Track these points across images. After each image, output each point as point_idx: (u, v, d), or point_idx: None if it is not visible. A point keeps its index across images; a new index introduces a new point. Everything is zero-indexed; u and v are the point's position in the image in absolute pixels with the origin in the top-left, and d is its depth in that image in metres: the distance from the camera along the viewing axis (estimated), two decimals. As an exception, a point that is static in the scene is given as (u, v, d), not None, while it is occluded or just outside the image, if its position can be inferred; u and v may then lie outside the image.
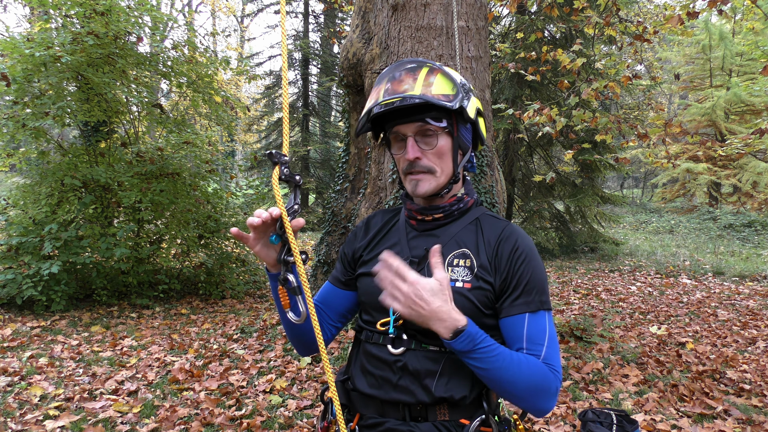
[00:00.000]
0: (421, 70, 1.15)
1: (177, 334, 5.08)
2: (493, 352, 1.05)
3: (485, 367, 1.05)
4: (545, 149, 11.98)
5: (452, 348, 1.05)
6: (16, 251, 5.58)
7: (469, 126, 1.22)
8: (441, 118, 1.16)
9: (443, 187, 1.20)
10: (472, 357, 1.05)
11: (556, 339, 1.15)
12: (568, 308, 6.58)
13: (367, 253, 1.32)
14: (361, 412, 1.23)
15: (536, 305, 1.14)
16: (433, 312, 1.03)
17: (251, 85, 25.64)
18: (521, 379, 1.05)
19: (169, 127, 7.03)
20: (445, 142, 1.18)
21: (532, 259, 1.17)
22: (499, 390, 1.08)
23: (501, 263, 1.16)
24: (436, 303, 1.03)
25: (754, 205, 17.12)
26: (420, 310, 1.03)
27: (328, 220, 5.78)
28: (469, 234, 1.21)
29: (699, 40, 17.76)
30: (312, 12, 18.50)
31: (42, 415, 3.21)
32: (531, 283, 1.15)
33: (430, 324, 1.04)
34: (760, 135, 5.40)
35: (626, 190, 30.71)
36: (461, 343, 1.04)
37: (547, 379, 1.08)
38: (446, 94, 1.11)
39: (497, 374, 1.05)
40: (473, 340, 1.04)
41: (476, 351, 1.04)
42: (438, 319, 1.04)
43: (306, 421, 3.27)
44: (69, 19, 6.08)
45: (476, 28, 4.46)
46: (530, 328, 1.13)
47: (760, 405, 3.56)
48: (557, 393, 1.10)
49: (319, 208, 17.55)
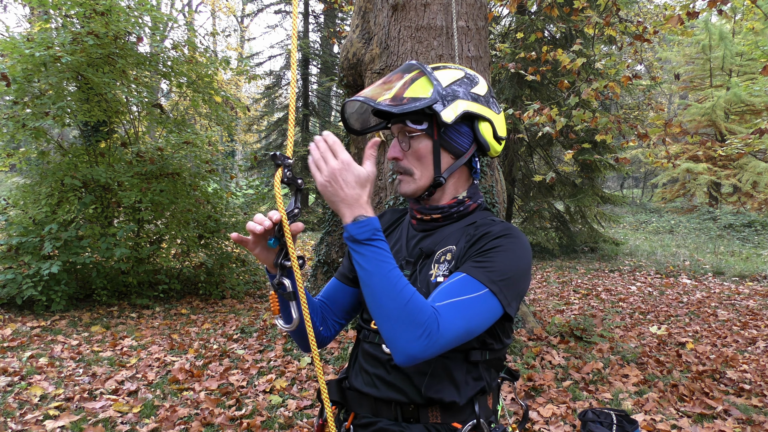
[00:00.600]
0: (410, 74, 1.16)
1: (177, 334, 5.08)
2: (383, 257, 0.99)
3: (369, 268, 0.99)
4: (545, 149, 11.98)
5: (348, 233, 1.00)
6: (16, 251, 5.58)
7: (465, 129, 1.19)
8: (421, 120, 1.16)
9: (423, 189, 1.20)
10: (364, 249, 0.99)
11: (468, 313, 1.01)
12: (568, 308, 6.58)
13: None
14: (355, 410, 1.24)
15: (481, 275, 1.05)
16: (348, 197, 1.01)
17: (251, 85, 25.65)
18: (395, 297, 0.97)
19: (169, 127, 7.03)
20: (424, 145, 1.17)
21: (512, 252, 1.10)
22: (371, 303, 1.00)
23: (476, 243, 1.12)
24: (355, 191, 1.01)
25: (754, 205, 17.12)
26: (338, 190, 1.00)
27: (328, 220, 5.78)
28: (461, 233, 1.20)
29: (699, 40, 17.76)
30: (312, 12, 18.51)
31: (42, 415, 3.21)
32: (494, 263, 1.07)
33: (340, 207, 1.01)
34: (760, 135, 5.41)
35: (626, 190, 30.71)
36: (359, 228, 0.99)
37: (423, 312, 0.97)
38: (417, 97, 1.10)
39: (376, 280, 0.98)
40: (375, 233, 1.00)
41: (369, 244, 0.99)
42: (349, 205, 1.01)
43: (306, 421, 3.27)
44: (69, 19, 6.09)
45: (476, 28, 4.46)
46: (454, 284, 1.04)
47: (760, 405, 3.56)
48: (430, 338, 0.96)
49: (319, 208, 17.55)
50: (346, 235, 1.01)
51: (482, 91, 1.20)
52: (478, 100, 1.18)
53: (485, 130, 1.20)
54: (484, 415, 1.17)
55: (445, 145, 1.18)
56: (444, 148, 1.18)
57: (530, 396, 3.67)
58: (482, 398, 1.18)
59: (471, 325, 1.02)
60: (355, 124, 1.27)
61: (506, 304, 1.07)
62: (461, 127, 1.18)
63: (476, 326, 1.04)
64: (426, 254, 1.20)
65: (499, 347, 1.17)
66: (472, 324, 1.02)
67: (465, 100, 1.15)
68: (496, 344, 1.16)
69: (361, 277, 1.01)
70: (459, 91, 1.16)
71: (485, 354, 1.15)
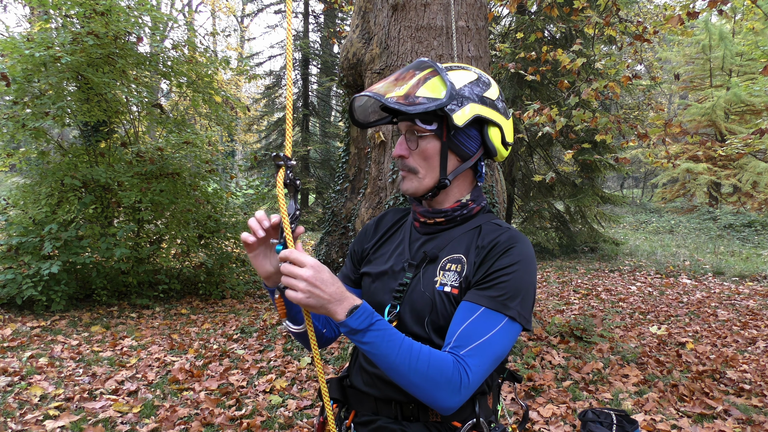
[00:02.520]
0: (423, 71, 1.14)
1: (177, 334, 5.08)
2: (388, 336, 1.00)
3: (379, 352, 0.99)
4: (545, 149, 11.97)
5: (348, 327, 0.99)
6: (16, 251, 5.58)
7: (474, 133, 1.18)
8: (431, 120, 1.15)
9: (428, 189, 1.18)
10: (368, 337, 0.99)
11: (493, 350, 1.05)
12: (568, 308, 6.58)
13: (373, 253, 1.33)
14: (356, 409, 1.25)
15: (499, 305, 1.06)
16: (334, 294, 0.99)
17: (251, 85, 25.67)
18: (416, 369, 0.99)
19: (169, 127, 7.03)
20: (431, 146, 1.16)
21: (520, 265, 1.10)
22: (395, 378, 1.02)
23: (486, 261, 1.12)
24: (336, 285, 1.00)
25: (754, 205, 17.12)
26: (322, 294, 0.97)
27: (328, 220, 5.78)
28: (467, 239, 1.19)
29: (699, 40, 17.77)
30: (312, 12, 18.50)
31: (42, 415, 3.21)
32: (507, 284, 1.08)
33: (328, 308, 0.99)
34: (760, 135, 5.41)
35: (626, 190, 30.71)
36: (357, 320, 0.99)
37: (446, 371, 1.00)
38: (431, 97, 1.09)
39: (392, 360, 0.99)
40: (371, 316, 1.00)
41: (372, 330, 0.99)
42: (337, 301, 0.99)
43: (306, 421, 3.27)
44: (69, 19, 6.08)
45: (476, 28, 4.46)
46: (475, 322, 1.05)
47: (760, 405, 3.56)
48: (462, 390, 1.00)
49: (319, 208, 17.55)
50: (346, 330, 1.00)
51: (494, 95, 1.18)
52: (490, 104, 1.16)
53: (494, 135, 1.18)
54: (483, 414, 1.17)
55: (453, 148, 1.17)
56: (451, 150, 1.17)
57: (530, 396, 3.67)
58: (482, 398, 1.18)
59: (497, 356, 1.07)
60: (360, 117, 1.26)
61: (525, 322, 1.10)
62: (470, 130, 1.17)
63: (501, 354, 1.08)
64: (430, 258, 1.19)
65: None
66: (498, 355, 1.07)
67: (477, 104, 1.14)
68: None
69: (376, 361, 1.02)
70: (472, 94, 1.14)
71: None
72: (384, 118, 1.27)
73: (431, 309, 1.14)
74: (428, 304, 1.14)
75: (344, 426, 1.25)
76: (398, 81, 1.14)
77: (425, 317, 1.14)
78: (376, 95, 1.10)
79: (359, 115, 1.25)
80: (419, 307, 1.15)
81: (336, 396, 1.27)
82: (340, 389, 1.28)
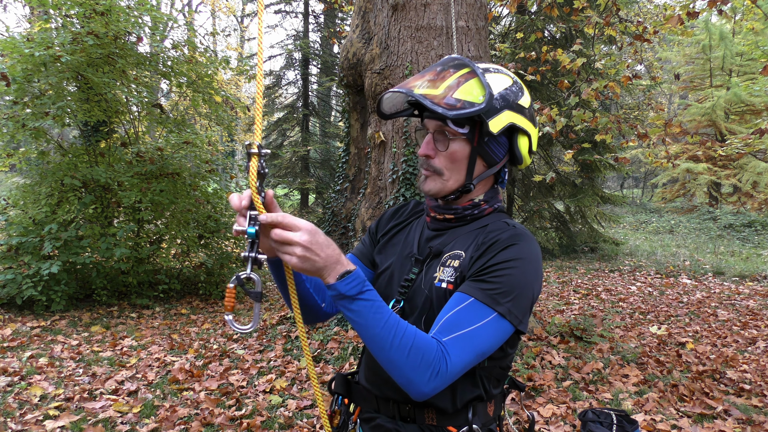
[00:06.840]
0: (460, 71, 1.11)
1: (177, 334, 5.08)
2: (376, 307, 0.97)
3: (365, 322, 0.96)
4: (545, 149, 11.97)
5: (337, 291, 0.96)
6: (16, 251, 5.58)
7: (503, 140, 1.15)
8: (463, 123, 1.11)
9: (450, 192, 1.16)
10: (356, 305, 0.96)
11: (476, 343, 1.01)
12: (568, 308, 6.58)
13: (384, 241, 1.33)
14: (360, 405, 1.27)
15: (489, 299, 1.03)
16: (328, 257, 0.95)
17: (251, 85, 25.64)
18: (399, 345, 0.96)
19: (169, 127, 7.03)
20: (461, 149, 1.13)
21: (519, 263, 1.06)
22: (375, 353, 0.99)
23: (483, 256, 1.09)
24: (331, 248, 0.96)
25: (754, 205, 17.12)
26: (316, 259, 0.94)
27: (328, 220, 5.78)
28: (472, 237, 1.17)
29: (699, 40, 17.75)
30: (312, 12, 18.49)
31: (42, 415, 3.21)
32: (502, 279, 1.04)
33: (322, 272, 0.95)
34: (760, 135, 5.41)
35: (626, 190, 30.69)
36: (347, 284, 0.95)
37: (428, 354, 0.97)
38: (470, 101, 1.06)
39: (376, 332, 0.96)
40: (362, 284, 0.97)
41: (360, 299, 0.96)
42: (331, 264, 0.95)
43: (306, 421, 3.27)
44: (69, 19, 6.08)
45: (476, 28, 4.46)
46: (462, 312, 1.02)
47: (760, 405, 3.56)
48: (438, 377, 0.97)
49: (319, 208, 17.54)
50: (334, 293, 0.96)
51: (526, 102, 1.16)
52: (523, 112, 1.14)
53: (523, 144, 1.17)
54: (480, 421, 1.16)
55: (482, 153, 1.15)
56: (480, 155, 1.15)
57: (530, 396, 3.67)
58: (480, 405, 1.17)
59: (480, 351, 1.03)
60: (386, 109, 1.23)
61: (517, 323, 1.06)
62: (500, 137, 1.15)
63: (486, 350, 1.04)
64: (435, 254, 1.19)
65: (500, 356, 1.15)
66: (482, 350, 1.03)
67: (512, 112, 1.12)
68: (497, 353, 1.14)
69: (359, 331, 0.99)
70: (507, 101, 1.12)
71: (483, 362, 1.13)
72: (406, 110, 1.24)
73: (429, 306, 1.13)
74: (426, 301, 1.14)
75: (351, 420, 1.28)
76: (435, 81, 1.11)
77: (424, 314, 1.14)
78: (420, 96, 1.06)
79: (386, 106, 1.23)
80: (419, 304, 1.15)
81: (340, 391, 1.29)
82: (345, 384, 1.30)
